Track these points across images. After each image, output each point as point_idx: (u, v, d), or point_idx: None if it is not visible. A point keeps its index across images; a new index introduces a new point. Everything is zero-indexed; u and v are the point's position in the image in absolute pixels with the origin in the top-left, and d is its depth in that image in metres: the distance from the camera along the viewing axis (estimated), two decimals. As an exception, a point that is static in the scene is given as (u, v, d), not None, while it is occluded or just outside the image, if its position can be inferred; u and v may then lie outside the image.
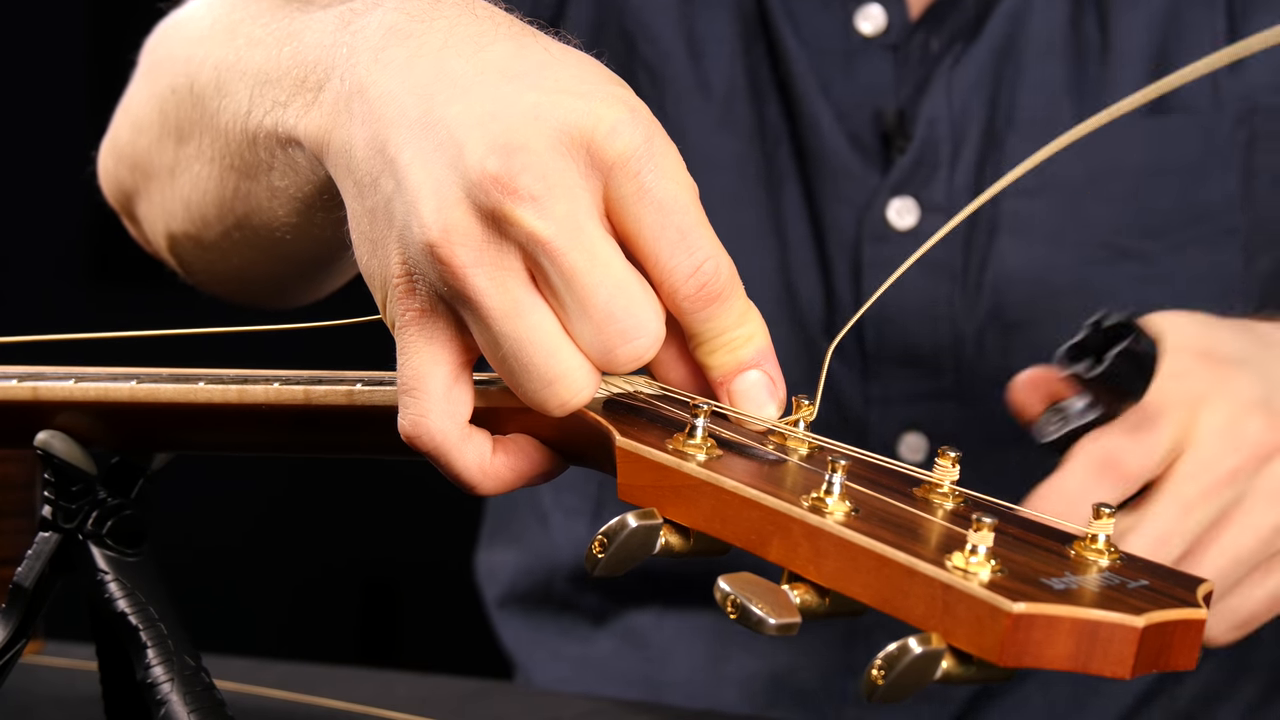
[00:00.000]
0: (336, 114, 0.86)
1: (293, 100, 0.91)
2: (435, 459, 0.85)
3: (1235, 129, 1.32)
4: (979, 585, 0.67)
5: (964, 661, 0.68)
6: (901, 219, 1.33)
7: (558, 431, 0.84)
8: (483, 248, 0.80)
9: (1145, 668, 0.69)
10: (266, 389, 0.90)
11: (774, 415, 0.83)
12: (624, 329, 0.80)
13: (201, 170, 1.06)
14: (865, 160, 1.34)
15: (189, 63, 1.06)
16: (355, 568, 2.67)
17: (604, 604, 1.46)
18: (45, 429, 0.96)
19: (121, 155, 1.18)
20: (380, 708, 1.19)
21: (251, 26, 1.00)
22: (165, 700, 0.91)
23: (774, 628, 0.71)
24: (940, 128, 1.33)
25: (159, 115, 1.11)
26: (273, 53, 0.95)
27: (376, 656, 2.67)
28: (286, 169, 0.96)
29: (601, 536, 0.76)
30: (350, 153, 0.85)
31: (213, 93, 1.02)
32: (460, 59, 0.83)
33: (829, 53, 1.34)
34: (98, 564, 0.94)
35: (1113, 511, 0.73)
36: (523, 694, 1.39)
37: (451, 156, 0.80)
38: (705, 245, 0.81)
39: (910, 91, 1.33)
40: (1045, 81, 1.33)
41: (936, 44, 1.33)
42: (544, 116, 0.80)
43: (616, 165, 0.80)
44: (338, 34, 0.89)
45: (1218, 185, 1.32)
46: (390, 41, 0.85)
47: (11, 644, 0.95)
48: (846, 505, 0.73)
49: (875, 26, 1.34)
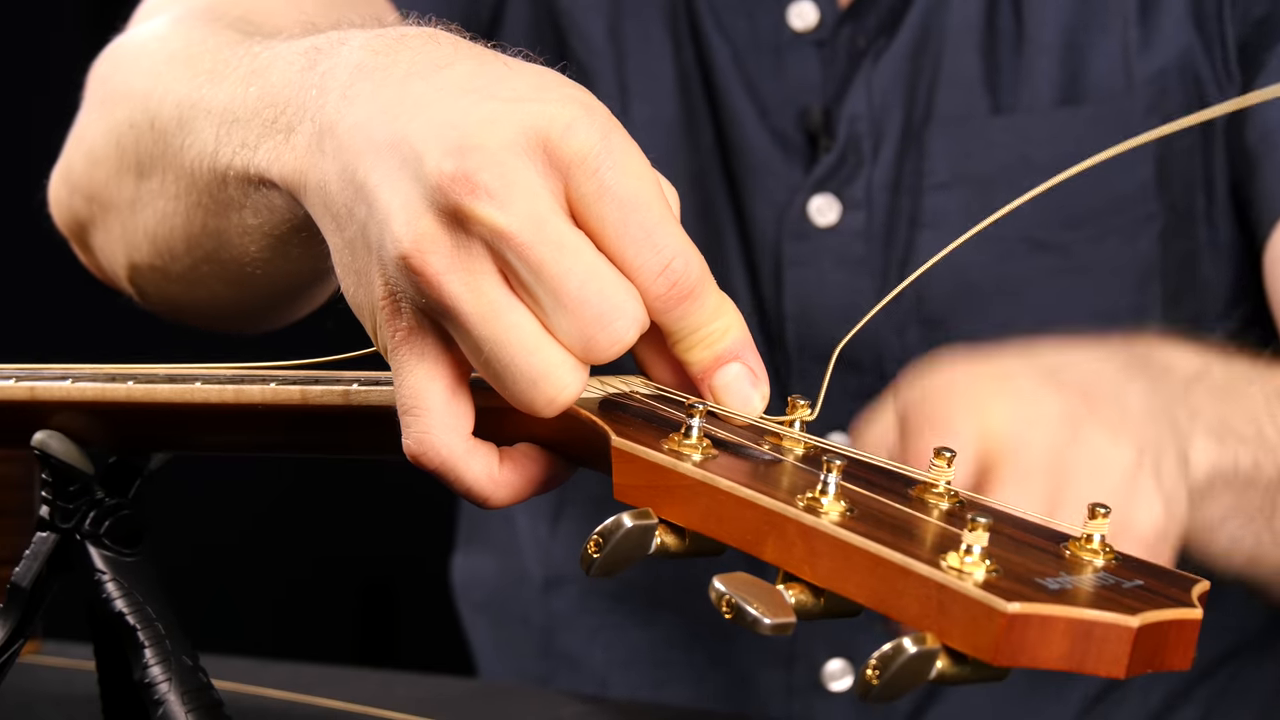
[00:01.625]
0: (310, 154, 0.87)
1: (263, 142, 0.91)
2: (444, 474, 0.84)
3: (1147, 115, 1.31)
4: (974, 585, 0.67)
5: (959, 661, 0.68)
6: (822, 216, 1.33)
7: (553, 433, 0.84)
8: (453, 254, 0.80)
9: (1140, 667, 0.69)
10: (263, 389, 0.90)
11: (759, 406, 0.83)
12: (600, 313, 0.80)
13: (166, 206, 1.05)
14: (788, 157, 1.34)
15: (148, 97, 1.05)
16: (353, 567, 2.67)
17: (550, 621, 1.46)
18: (42, 429, 0.96)
19: (76, 186, 1.16)
20: (379, 708, 1.19)
21: (212, 60, 1.00)
22: (163, 700, 0.92)
23: (769, 628, 0.71)
24: (861, 125, 1.32)
25: (116, 149, 1.09)
26: (238, 90, 0.95)
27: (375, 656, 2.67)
28: (260, 208, 0.96)
29: (597, 536, 0.76)
30: (326, 189, 0.86)
31: (175, 129, 1.01)
32: (422, 81, 0.84)
33: (758, 50, 1.34)
34: (95, 564, 0.94)
35: (1108, 511, 0.73)
36: (522, 694, 1.39)
37: (414, 169, 0.81)
38: (672, 242, 0.81)
39: (835, 88, 1.33)
40: (961, 75, 1.32)
41: (862, 40, 1.33)
42: (500, 121, 0.81)
43: (574, 163, 0.80)
44: (305, 75, 0.90)
45: (1133, 173, 1.32)
46: (357, 78, 0.86)
47: (9, 644, 0.95)
48: (842, 505, 0.73)
49: (806, 22, 1.34)
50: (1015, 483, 0.92)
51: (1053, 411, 0.94)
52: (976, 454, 0.93)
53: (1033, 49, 1.32)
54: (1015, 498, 0.91)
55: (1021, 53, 1.32)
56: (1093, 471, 0.93)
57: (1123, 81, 1.31)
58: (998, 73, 1.32)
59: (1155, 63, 1.31)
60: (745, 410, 0.83)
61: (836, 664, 1.36)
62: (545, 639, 1.46)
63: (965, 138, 1.32)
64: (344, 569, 2.68)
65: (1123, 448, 0.94)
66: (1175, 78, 1.31)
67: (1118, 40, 1.31)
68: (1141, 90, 1.31)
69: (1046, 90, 1.32)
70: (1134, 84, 1.31)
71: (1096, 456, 0.94)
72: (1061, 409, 0.95)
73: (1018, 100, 1.32)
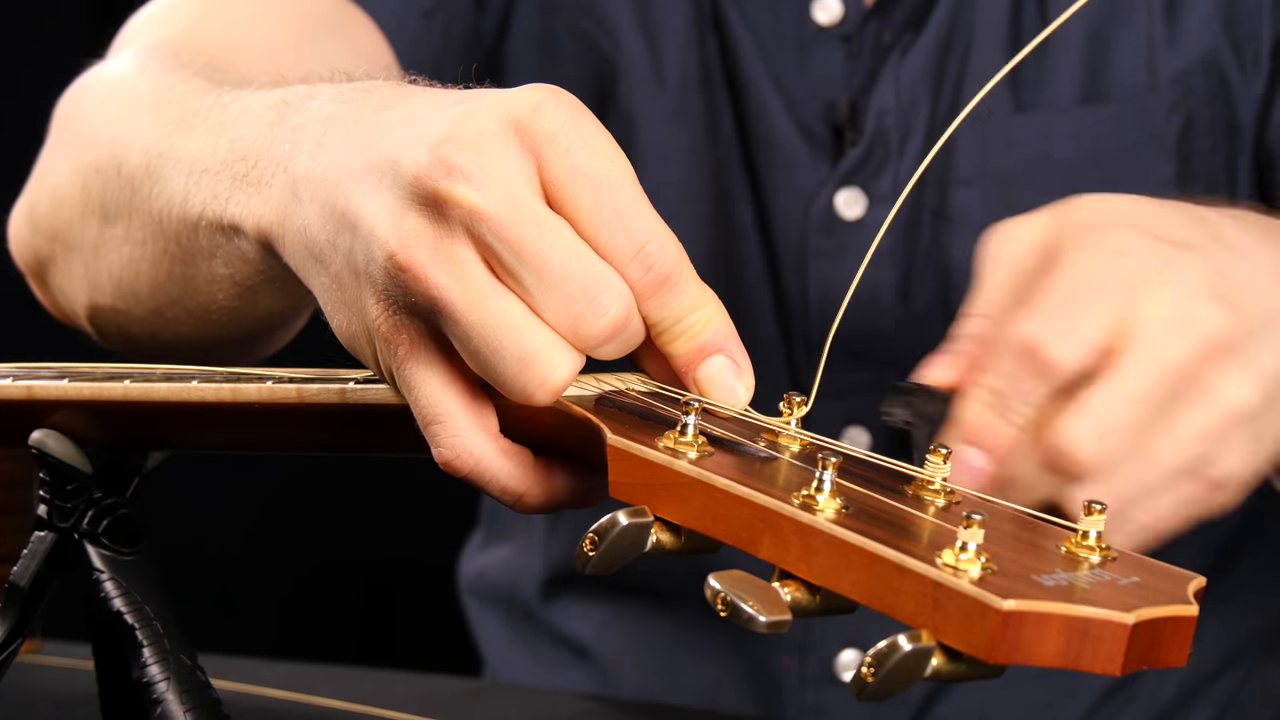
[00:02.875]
0: (285, 205, 0.88)
1: (234, 194, 0.92)
2: (477, 477, 0.84)
3: (1170, 115, 1.31)
4: (969, 582, 0.67)
5: (954, 659, 0.68)
6: (849, 209, 1.33)
7: (549, 431, 0.84)
8: (436, 246, 0.80)
9: (1136, 664, 0.69)
10: (259, 388, 0.90)
11: (744, 398, 0.83)
12: (584, 287, 0.80)
13: (133, 252, 1.05)
14: (815, 151, 1.34)
15: (115, 143, 1.05)
16: (353, 567, 2.67)
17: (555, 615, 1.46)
18: (40, 428, 0.96)
19: (39, 225, 1.15)
20: (379, 707, 1.18)
21: (180, 109, 1.00)
22: (161, 699, 0.92)
23: (765, 625, 0.71)
24: (889, 119, 1.32)
25: (82, 192, 1.09)
26: (207, 141, 0.96)
27: (376, 655, 2.67)
28: (231, 257, 0.96)
29: (593, 534, 0.76)
30: (306, 232, 0.86)
31: (143, 177, 1.01)
32: (392, 111, 0.86)
33: (783, 43, 1.34)
34: (94, 563, 0.94)
35: (1104, 508, 0.73)
36: (522, 694, 1.39)
37: (392, 176, 0.82)
38: (645, 225, 0.81)
39: (862, 82, 1.33)
40: (987, 72, 1.32)
41: (888, 35, 1.33)
42: (473, 114, 0.82)
43: (545, 142, 0.81)
44: (275, 129, 0.90)
45: (1154, 172, 1.31)
46: (330, 127, 0.87)
47: (8, 643, 0.95)
48: (837, 502, 0.73)
49: (831, 17, 1.34)
50: (1122, 389, 0.87)
51: (1206, 332, 0.88)
52: (1108, 333, 0.88)
53: (1057, 46, 1.32)
54: (1117, 400, 0.86)
55: (1046, 50, 1.32)
56: (1206, 412, 0.88)
57: (1146, 80, 1.31)
58: (1021, 69, 1.32)
59: (1180, 62, 1.31)
60: (729, 403, 0.83)
61: (850, 654, 1.36)
62: (557, 632, 1.46)
63: (988, 135, 1.32)
64: (345, 568, 2.68)
65: (1249, 385, 0.89)
66: (1200, 78, 1.31)
67: (1142, 38, 1.31)
68: (1165, 89, 1.31)
69: (1070, 88, 1.32)
70: (1158, 83, 1.31)
71: (1219, 402, 0.89)
72: (1216, 332, 0.88)
73: (1040, 98, 1.32)
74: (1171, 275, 0.89)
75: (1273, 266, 0.94)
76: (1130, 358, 0.87)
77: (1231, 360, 0.89)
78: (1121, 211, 0.92)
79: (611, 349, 0.82)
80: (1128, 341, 0.87)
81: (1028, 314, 0.88)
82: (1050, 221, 0.92)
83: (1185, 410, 0.88)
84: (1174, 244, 0.90)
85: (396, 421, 0.86)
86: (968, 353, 0.91)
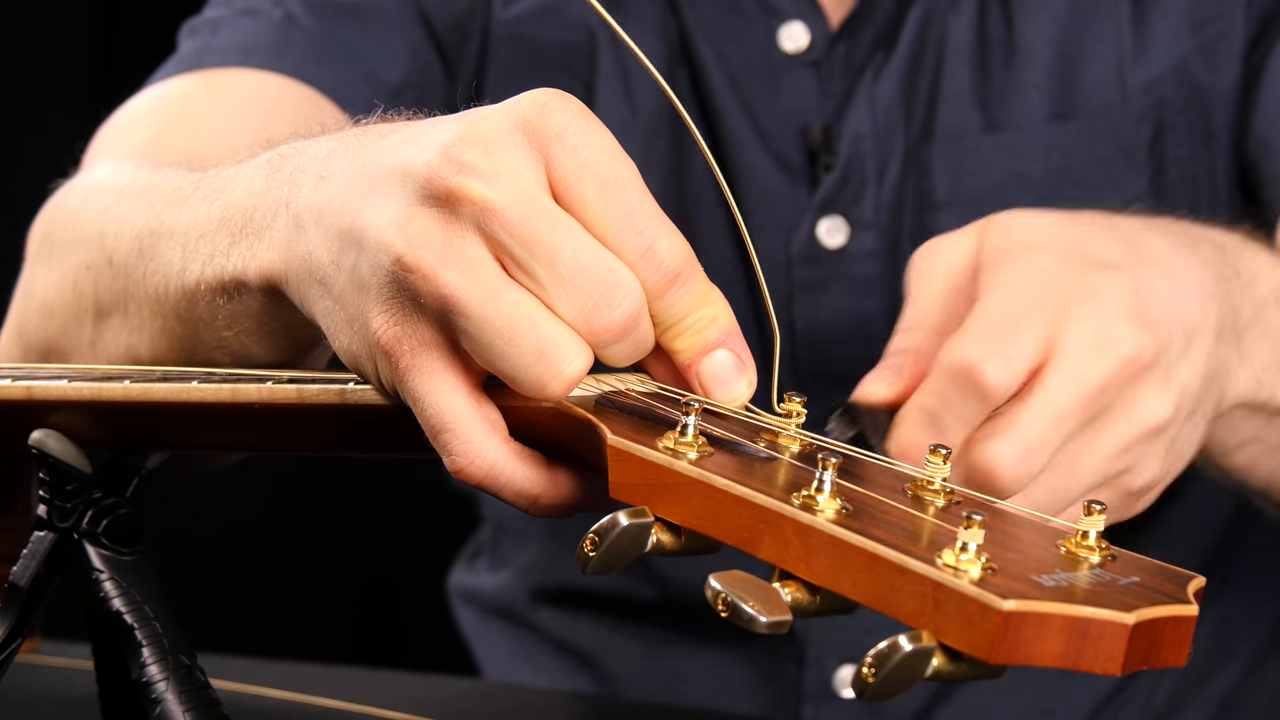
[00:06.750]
0: (288, 239, 0.88)
1: (234, 247, 0.92)
2: (490, 483, 0.83)
3: (1139, 126, 1.30)
4: (969, 583, 0.67)
5: (954, 659, 0.68)
6: (831, 238, 1.32)
7: (550, 432, 0.84)
8: (445, 245, 0.80)
9: (1136, 664, 0.69)
10: (259, 388, 0.90)
11: (746, 394, 0.84)
12: (597, 280, 0.80)
13: (130, 339, 1.04)
14: (792, 180, 1.33)
15: (103, 236, 1.04)
16: (353, 567, 2.67)
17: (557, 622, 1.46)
18: (40, 428, 0.96)
19: (30, 344, 1.13)
20: (378, 707, 1.18)
21: (169, 190, 1.00)
22: (160, 699, 0.92)
23: (765, 625, 0.71)
24: (865, 143, 1.31)
25: (73, 294, 1.07)
26: (201, 209, 0.95)
27: (375, 656, 2.67)
28: (238, 315, 0.95)
29: (593, 535, 0.76)
30: (310, 258, 0.86)
31: (136, 260, 1.00)
32: (396, 134, 0.86)
33: (752, 73, 1.33)
34: (93, 563, 0.94)
35: (1103, 508, 0.73)
36: (522, 694, 1.39)
37: (400, 179, 0.82)
38: (653, 224, 0.81)
39: (835, 106, 1.32)
40: (960, 90, 1.31)
41: (858, 57, 1.32)
42: (481, 119, 0.82)
43: (553, 139, 0.81)
44: (272, 179, 0.90)
45: (1127, 186, 1.31)
46: (331, 159, 0.87)
47: (7, 643, 0.95)
48: (838, 503, 0.73)
49: (798, 45, 1.33)
50: (1047, 408, 0.91)
51: (1125, 351, 0.92)
52: (1039, 354, 0.91)
53: (1024, 61, 1.31)
54: (1042, 419, 0.90)
55: (1013, 65, 1.31)
56: (1125, 428, 0.93)
57: (1116, 91, 1.30)
58: (989, 86, 1.31)
59: (1149, 72, 1.30)
60: (732, 399, 0.83)
61: (848, 670, 1.35)
62: (558, 640, 1.46)
63: (960, 156, 1.31)
64: (344, 568, 2.68)
65: (1166, 402, 0.94)
66: (1172, 86, 1.30)
67: (1111, 49, 1.30)
68: (1136, 100, 1.30)
69: (1038, 104, 1.31)
70: (1128, 94, 1.30)
71: (1137, 418, 0.93)
72: (1134, 351, 0.92)
73: (1009, 116, 1.31)
74: (1092, 295, 0.92)
75: (1196, 280, 0.99)
76: (1055, 377, 0.91)
77: (1149, 377, 0.93)
78: (1044, 231, 0.96)
79: (622, 348, 0.82)
80: (1052, 361, 0.91)
81: (960, 337, 0.91)
82: (975, 240, 0.96)
83: (1106, 427, 0.92)
84: (1094, 264, 0.94)
85: (396, 422, 0.86)
86: (899, 366, 0.95)
